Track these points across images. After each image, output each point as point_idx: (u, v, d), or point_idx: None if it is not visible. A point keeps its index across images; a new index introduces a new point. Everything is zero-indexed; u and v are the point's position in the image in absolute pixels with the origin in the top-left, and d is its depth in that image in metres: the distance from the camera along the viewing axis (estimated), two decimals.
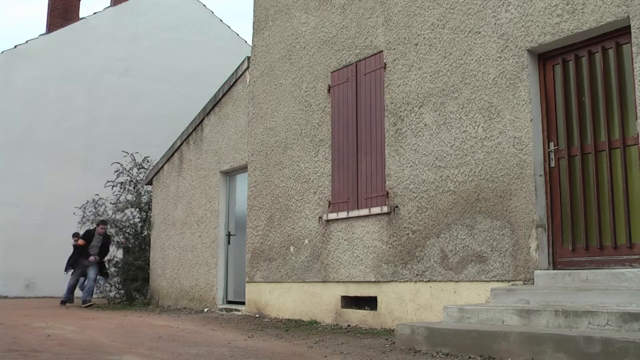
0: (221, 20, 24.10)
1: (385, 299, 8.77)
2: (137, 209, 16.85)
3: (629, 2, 6.45)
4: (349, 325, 8.92)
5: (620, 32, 6.69)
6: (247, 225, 11.77)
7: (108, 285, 15.83)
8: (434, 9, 8.53)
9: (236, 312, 11.79)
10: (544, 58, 7.43)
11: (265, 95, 11.59)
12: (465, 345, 5.94)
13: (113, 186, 17.01)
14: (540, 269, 7.01)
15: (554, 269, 7.06)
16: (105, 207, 16.99)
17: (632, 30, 6.44)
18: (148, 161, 17.46)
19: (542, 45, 7.28)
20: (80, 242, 15.40)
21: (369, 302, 8.99)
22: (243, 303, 11.77)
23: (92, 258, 15.20)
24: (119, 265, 15.98)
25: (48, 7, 23.08)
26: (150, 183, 16.27)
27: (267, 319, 10.48)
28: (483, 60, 7.82)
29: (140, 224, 16.81)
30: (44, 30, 23.38)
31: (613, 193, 6.65)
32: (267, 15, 11.87)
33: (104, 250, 15.60)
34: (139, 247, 16.59)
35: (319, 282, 9.88)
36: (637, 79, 6.33)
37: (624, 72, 6.69)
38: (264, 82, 11.69)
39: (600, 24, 6.69)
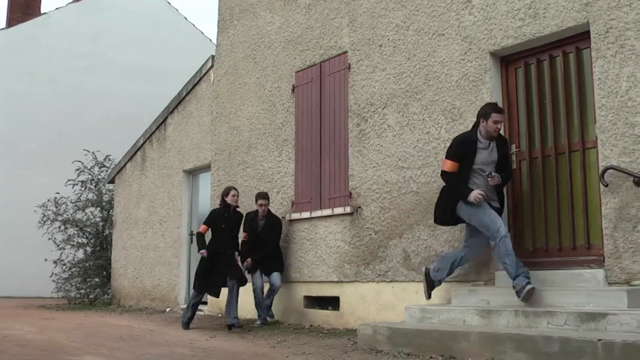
0: (186, 18, 23.92)
1: (347, 299, 8.79)
2: (99, 208, 16.66)
3: (589, 7, 6.55)
4: (311, 325, 8.93)
5: (580, 37, 6.79)
6: None
7: (69, 285, 15.60)
8: (399, 10, 8.57)
9: (198, 312, 11.70)
10: (507, 61, 7.51)
11: (230, 94, 11.55)
12: (427, 345, 5.99)
13: (74, 185, 16.78)
14: (501, 270, 7.08)
15: None
16: (66, 205, 16.76)
17: (591, 36, 6.54)
18: (110, 159, 17.27)
19: (504, 49, 7.36)
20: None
21: (332, 302, 9.00)
22: (205, 303, 11.70)
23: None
24: (79, 265, 15.76)
25: (8, 1, 22.63)
26: (112, 182, 16.11)
27: None
28: (446, 62, 7.88)
29: (101, 223, 16.63)
30: (3, 24, 22.96)
31: (572, 195, 6.75)
32: (232, 14, 11.83)
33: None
34: (100, 246, 16.41)
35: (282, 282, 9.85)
36: (596, 84, 6.43)
37: (584, 77, 6.79)
38: (228, 81, 11.64)
39: (562, 28, 6.79)
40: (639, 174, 5.99)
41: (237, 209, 9.62)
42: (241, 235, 9.71)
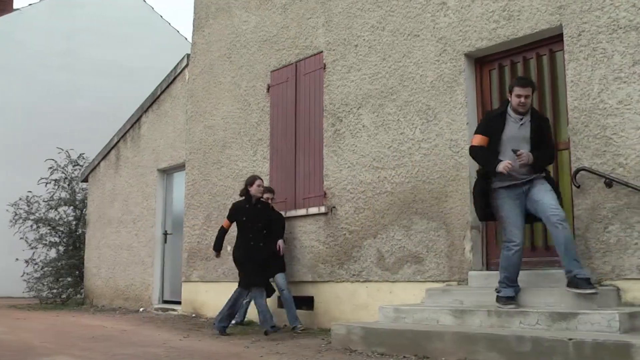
0: (161, 17, 23.78)
1: (322, 298, 8.79)
2: (72, 207, 16.51)
3: (562, 10, 6.62)
4: (285, 325, 8.91)
5: (554, 40, 6.85)
6: (184, 224, 11.65)
7: (41, 284, 15.44)
8: (374, 11, 8.59)
9: (172, 312, 11.67)
10: (481, 63, 7.56)
11: (205, 93, 11.50)
12: (401, 345, 6.01)
13: (47, 183, 16.60)
14: (474, 270, 7.14)
15: (487, 270, 7.19)
16: (39, 204, 16.58)
17: (564, 38, 6.61)
18: (84, 158, 17.10)
19: (479, 50, 7.41)
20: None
21: (306, 302, 9.00)
22: (179, 303, 11.65)
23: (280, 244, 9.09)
24: (52, 265, 15.61)
25: None
26: (86, 180, 15.97)
27: (203, 319, 10.40)
28: (421, 63, 7.92)
29: (74, 222, 16.48)
30: None
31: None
32: (207, 13, 11.78)
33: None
34: (73, 245, 16.26)
35: None
36: (569, 86, 6.49)
37: (557, 79, 6.86)
38: (203, 80, 11.60)
39: (535, 30, 6.85)
40: (611, 176, 6.06)
41: (261, 200, 8.72)
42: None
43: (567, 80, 6.55)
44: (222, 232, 8.81)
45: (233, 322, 9.03)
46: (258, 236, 8.48)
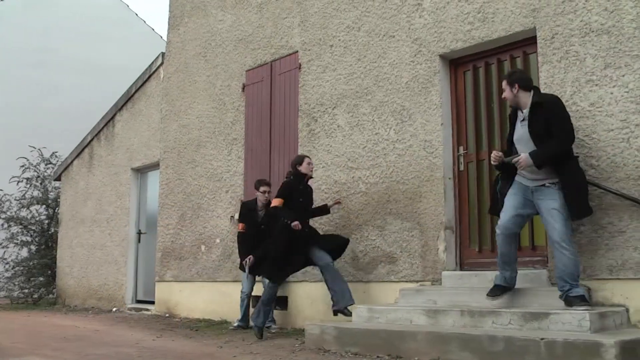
0: (137, 15, 23.63)
1: (296, 298, 8.79)
2: (44, 206, 16.34)
3: (536, 13, 6.67)
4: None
5: (527, 42, 6.90)
6: (158, 223, 11.59)
7: (12, 284, 15.26)
8: (350, 11, 8.60)
9: (146, 312, 11.60)
10: (456, 64, 7.60)
11: (179, 92, 11.45)
12: (374, 344, 6.03)
13: (18, 182, 16.40)
14: (448, 270, 7.17)
15: (461, 270, 7.23)
16: (10, 203, 16.38)
17: (538, 41, 6.66)
18: (57, 156, 16.92)
19: (454, 51, 7.44)
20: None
21: (280, 302, 8.98)
22: (153, 302, 11.58)
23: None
24: (23, 264, 15.43)
25: None
26: (58, 179, 15.81)
27: (177, 319, 10.35)
28: (397, 63, 7.94)
29: (47, 221, 16.30)
30: None
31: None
32: (183, 12, 11.73)
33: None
34: (45, 244, 16.09)
35: (230, 281, 9.82)
36: (543, 88, 6.52)
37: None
38: (178, 79, 11.54)
39: (509, 33, 6.90)
40: None
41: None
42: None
43: (540, 83, 6.60)
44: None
45: (236, 324, 8.81)
46: (307, 219, 8.00)
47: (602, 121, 6.11)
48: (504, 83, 6.04)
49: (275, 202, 7.81)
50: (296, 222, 7.49)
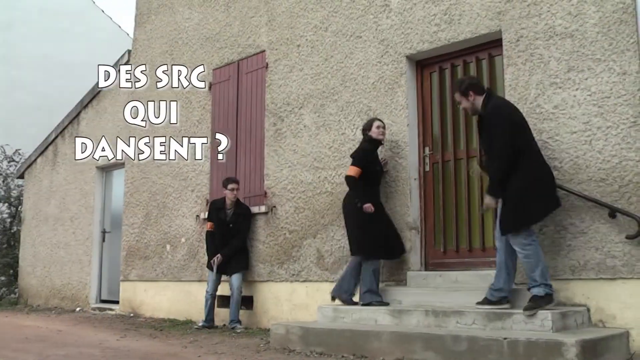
0: (103, 11, 23.40)
1: (261, 298, 8.77)
2: (6, 204, 16.12)
3: (502, 16, 6.74)
4: (224, 325, 8.86)
5: (493, 44, 6.97)
6: (123, 222, 11.48)
7: None
8: (317, 11, 8.60)
9: (110, 312, 11.48)
10: (422, 65, 7.64)
11: (146, 89, 11.33)
12: (339, 344, 6.04)
13: None
14: (412, 270, 7.21)
15: (426, 270, 7.26)
16: None
17: (503, 43, 6.73)
18: (20, 154, 16.71)
19: (420, 53, 7.48)
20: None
21: (245, 302, 8.95)
22: (117, 302, 11.47)
23: None
24: None
25: None
26: (21, 177, 15.56)
27: (141, 319, 10.26)
28: (363, 64, 7.96)
29: (9, 220, 16.09)
30: None
31: (482, 198, 6.90)
32: (149, 9, 11.64)
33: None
34: (7, 243, 15.86)
35: (195, 281, 9.76)
36: (507, 90, 6.61)
37: (496, 83, 6.98)
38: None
39: (475, 35, 6.96)
40: None
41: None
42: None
43: (505, 85, 6.67)
44: (360, 182, 7.12)
45: (200, 324, 8.76)
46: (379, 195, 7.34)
47: (565, 123, 6.18)
48: (457, 95, 6.09)
49: (352, 170, 7.07)
50: (368, 205, 6.90)
